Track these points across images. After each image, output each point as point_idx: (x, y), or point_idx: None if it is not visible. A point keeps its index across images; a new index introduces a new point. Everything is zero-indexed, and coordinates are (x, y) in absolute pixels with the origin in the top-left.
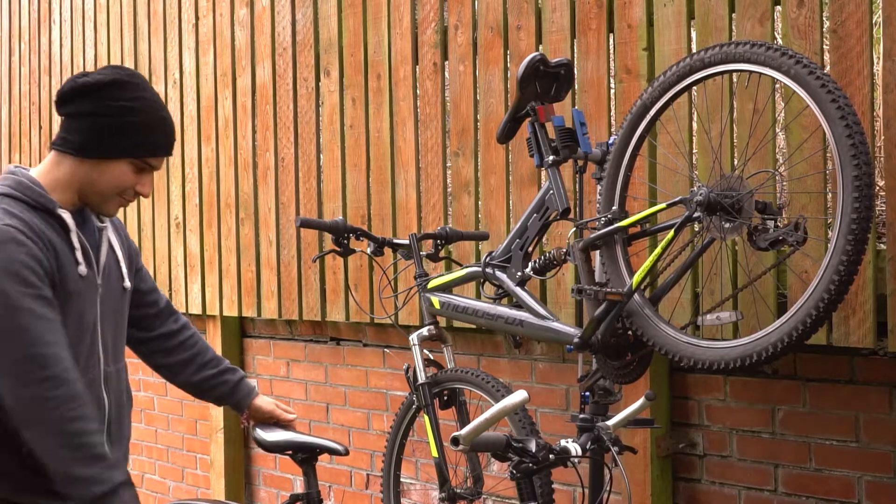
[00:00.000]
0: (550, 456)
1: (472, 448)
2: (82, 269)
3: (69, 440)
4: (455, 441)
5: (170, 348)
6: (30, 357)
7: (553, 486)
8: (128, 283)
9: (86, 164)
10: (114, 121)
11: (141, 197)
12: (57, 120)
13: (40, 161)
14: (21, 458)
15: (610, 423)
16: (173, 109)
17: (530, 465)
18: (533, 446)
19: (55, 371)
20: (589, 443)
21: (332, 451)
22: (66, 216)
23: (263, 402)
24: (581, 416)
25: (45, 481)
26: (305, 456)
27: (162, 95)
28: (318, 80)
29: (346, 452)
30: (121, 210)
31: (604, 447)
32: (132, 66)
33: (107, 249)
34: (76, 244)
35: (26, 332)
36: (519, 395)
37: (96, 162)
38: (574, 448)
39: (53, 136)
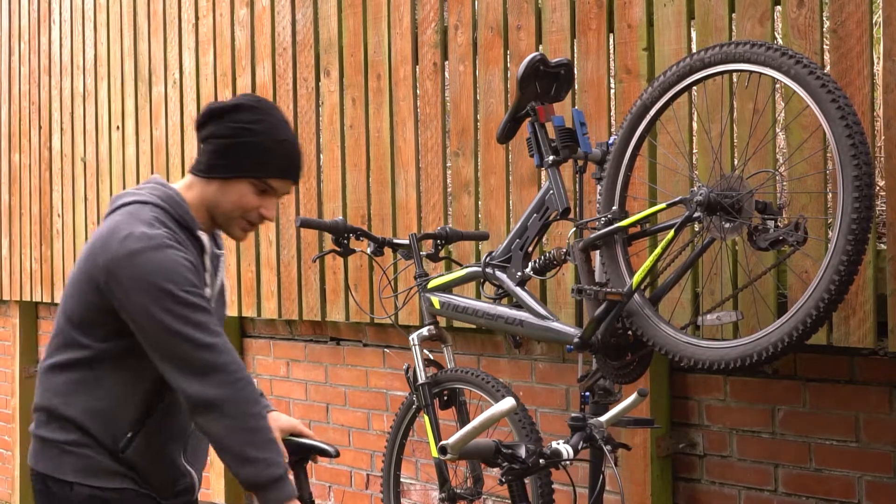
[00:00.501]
0: (541, 461)
1: (460, 456)
2: (208, 290)
3: (250, 422)
4: (443, 450)
5: None
6: (205, 348)
7: (553, 486)
8: (226, 311)
9: (212, 184)
10: (233, 141)
11: (266, 220)
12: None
13: (40, 161)
14: (154, 450)
15: (602, 418)
16: (173, 109)
17: (519, 469)
18: (523, 452)
19: (227, 360)
20: (581, 443)
21: (322, 453)
22: (205, 238)
23: (281, 420)
24: (573, 415)
25: (170, 472)
26: (297, 458)
27: (162, 95)
28: (318, 80)
29: (337, 454)
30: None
31: (596, 446)
32: (132, 66)
33: (222, 275)
34: (208, 267)
35: (198, 328)
36: (506, 403)
37: (220, 182)
38: (566, 450)
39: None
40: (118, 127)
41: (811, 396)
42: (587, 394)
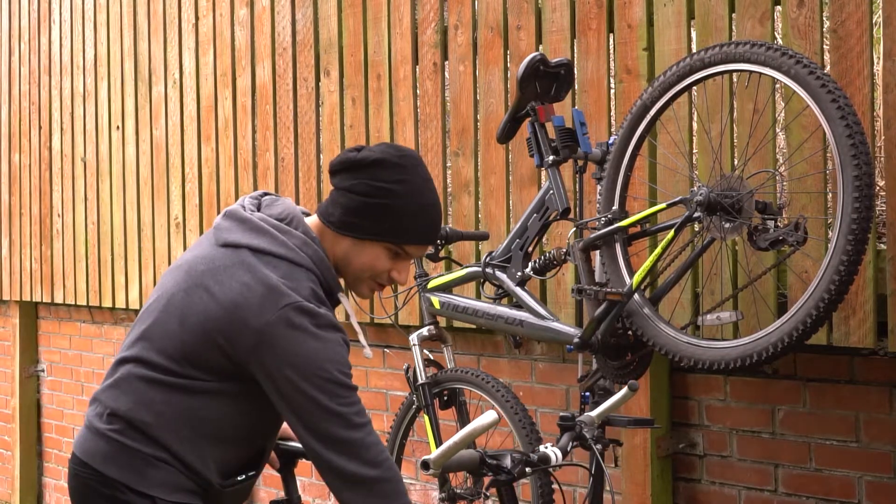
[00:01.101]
0: (527, 469)
1: (444, 470)
2: (367, 352)
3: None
4: (425, 465)
5: None
6: (360, 428)
7: (553, 486)
8: None
9: (344, 240)
10: (372, 201)
11: (397, 283)
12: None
13: (40, 161)
14: (203, 464)
15: (594, 413)
16: (173, 110)
17: (504, 480)
18: (508, 462)
19: (383, 449)
20: (570, 443)
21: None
22: (345, 301)
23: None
24: (561, 414)
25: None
26: (283, 461)
27: (162, 95)
28: (318, 80)
29: None
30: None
31: (586, 446)
32: (132, 66)
33: None
34: (357, 328)
35: (353, 406)
36: (488, 417)
37: (353, 241)
38: (554, 454)
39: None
40: (118, 127)
41: (811, 396)
42: (587, 394)
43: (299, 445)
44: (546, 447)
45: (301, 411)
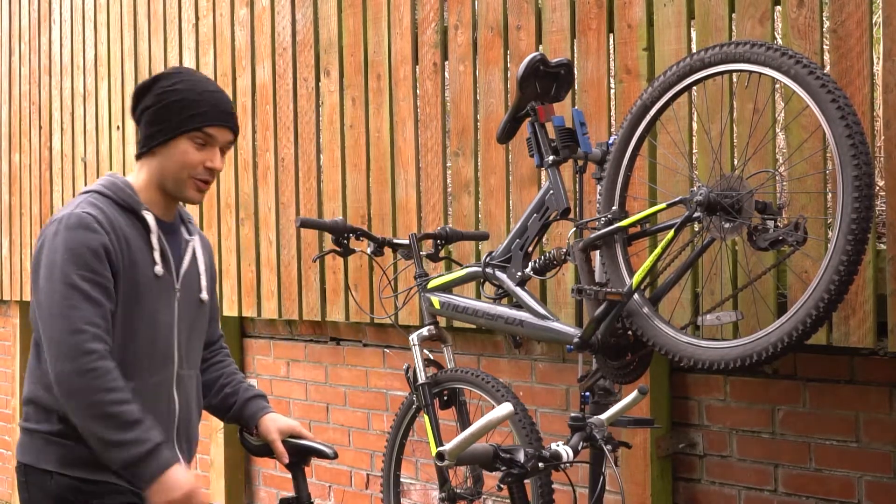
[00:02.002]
0: (539, 465)
1: (458, 462)
2: (158, 269)
3: (106, 409)
4: (440, 456)
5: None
6: (76, 332)
7: (553, 486)
8: (205, 296)
9: (155, 156)
10: (160, 105)
11: (215, 170)
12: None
13: (40, 161)
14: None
15: (603, 416)
16: None
17: (518, 474)
18: (521, 456)
19: (95, 347)
20: (581, 443)
21: (320, 455)
22: (149, 217)
23: (279, 422)
24: (572, 414)
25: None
26: (294, 460)
27: None
28: (318, 80)
29: (335, 455)
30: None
31: (596, 446)
32: (132, 66)
33: (190, 259)
34: (155, 245)
35: (76, 310)
36: (504, 409)
37: (160, 150)
38: (566, 452)
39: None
40: (118, 127)
41: (811, 396)
42: (587, 394)
43: (307, 444)
44: (558, 445)
45: (41, 318)
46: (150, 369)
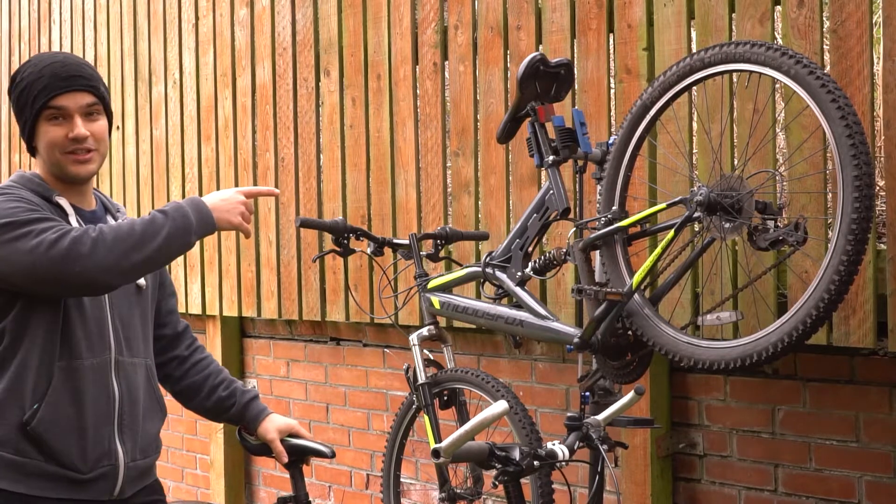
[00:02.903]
0: (535, 463)
1: (453, 459)
2: None
3: (124, 233)
4: (436, 453)
5: (180, 374)
6: (44, 241)
7: (553, 486)
8: (142, 282)
9: (36, 148)
10: (14, 101)
11: (87, 140)
12: None
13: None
14: (62, 422)
15: (600, 417)
16: (173, 109)
17: (514, 472)
18: (517, 454)
19: (70, 233)
20: (577, 443)
21: (318, 454)
22: (63, 201)
23: (277, 422)
24: (569, 414)
25: (88, 449)
26: (292, 459)
27: (162, 95)
28: (318, 80)
29: (333, 455)
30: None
31: (592, 446)
32: (132, 66)
33: None
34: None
35: (32, 224)
36: (498, 407)
37: (35, 142)
38: (561, 451)
39: None
40: (118, 127)
41: (811, 396)
42: (587, 394)
43: (304, 443)
44: (554, 444)
45: (12, 268)
46: (88, 351)
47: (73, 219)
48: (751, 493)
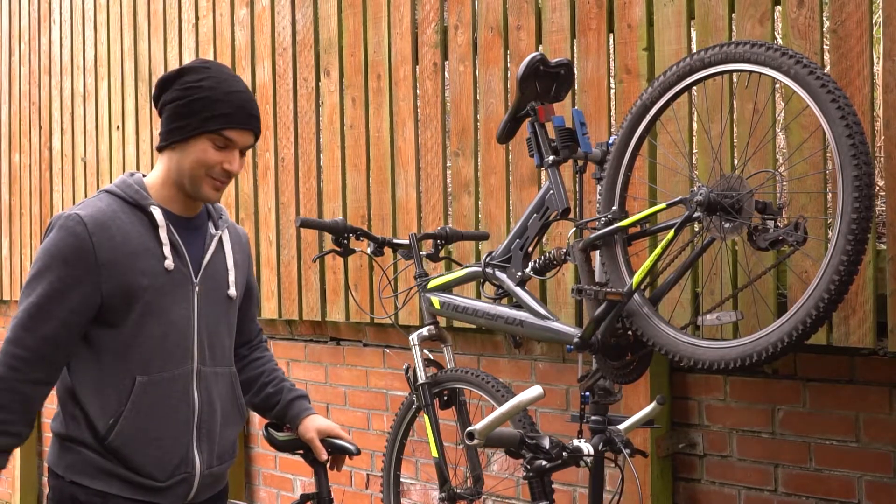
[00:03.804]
0: (563, 454)
1: (486, 443)
2: (168, 263)
3: None
4: (470, 435)
5: (238, 369)
6: (16, 326)
7: (553, 485)
8: (233, 292)
9: (174, 152)
10: (183, 102)
11: (232, 174)
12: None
13: (40, 161)
14: (142, 434)
15: (622, 426)
16: None
17: (544, 462)
18: (547, 443)
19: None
20: (601, 444)
21: (343, 451)
22: (157, 212)
23: (318, 422)
24: (593, 417)
25: (166, 459)
26: (330, 457)
27: None
28: (318, 80)
29: (358, 452)
30: None
31: (616, 450)
32: (132, 66)
33: (213, 253)
34: (164, 240)
35: (27, 309)
36: (534, 391)
37: (179, 146)
38: (587, 448)
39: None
40: (118, 127)
41: (811, 396)
42: (587, 394)
43: (331, 441)
44: (579, 441)
45: None
46: (163, 365)
47: (162, 231)
48: (751, 493)
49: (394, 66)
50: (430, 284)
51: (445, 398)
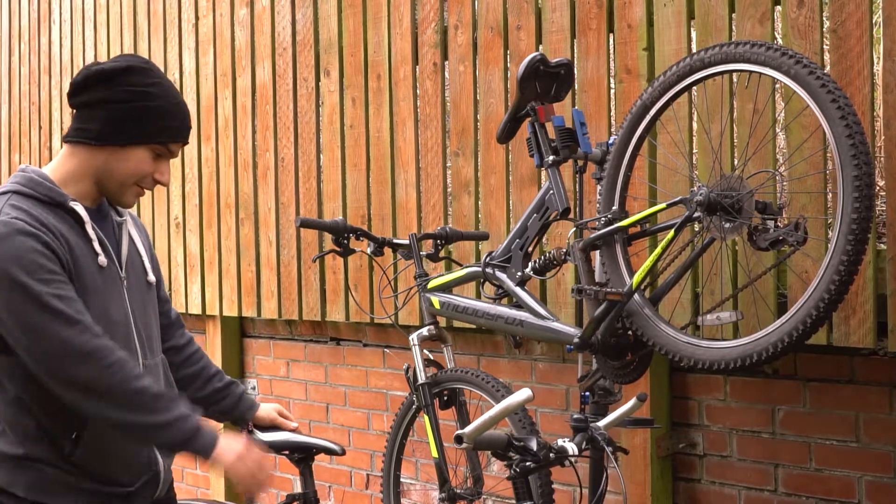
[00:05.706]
0: (550, 455)
1: (475, 446)
2: (102, 259)
3: (140, 398)
4: (458, 439)
5: (178, 363)
6: (67, 340)
7: (553, 485)
8: (152, 277)
9: (104, 152)
10: (131, 106)
11: (160, 185)
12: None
13: (40, 161)
14: (105, 446)
15: (601, 423)
16: None
17: (530, 464)
18: (534, 445)
19: (96, 344)
20: (584, 442)
21: (328, 451)
22: (79, 208)
23: (264, 412)
24: (574, 415)
25: (130, 465)
26: (302, 456)
27: None
28: (318, 80)
29: (343, 452)
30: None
31: (598, 447)
32: None
33: (128, 242)
34: (92, 236)
35: (58, 316)
36: (523, 394)
37: (115, 149)
38: (571, 447)
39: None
40: None
41: (811, 396)
42: (587, 394)
43: (315, 441)
44: (564, 441)
45: (20, 338)
46: None
47: (89, 227)
48: (751, 493)
49: (394, 66)
50: (430, 284)
51: (445, 398)
